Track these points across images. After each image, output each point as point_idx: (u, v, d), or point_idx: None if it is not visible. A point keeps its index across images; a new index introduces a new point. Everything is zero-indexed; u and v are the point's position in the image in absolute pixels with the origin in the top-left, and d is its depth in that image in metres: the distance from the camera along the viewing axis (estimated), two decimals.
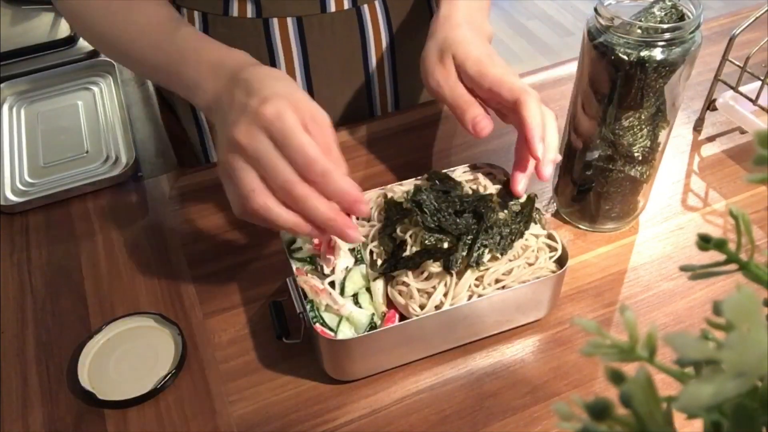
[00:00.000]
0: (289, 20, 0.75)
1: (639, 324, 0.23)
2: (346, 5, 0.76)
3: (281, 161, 0.50)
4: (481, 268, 0.55)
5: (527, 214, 0.57)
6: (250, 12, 0.73)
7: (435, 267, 0.54)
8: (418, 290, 0.55)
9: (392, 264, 0.56)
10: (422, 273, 0.55)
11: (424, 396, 0.56)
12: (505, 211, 0.57)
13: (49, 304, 0.64)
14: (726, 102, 0.76)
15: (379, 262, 0.57)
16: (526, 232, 0.57)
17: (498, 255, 0.55)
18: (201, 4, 0.74)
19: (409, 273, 0.55)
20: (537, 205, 0.59)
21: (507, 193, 0.60)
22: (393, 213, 0.58)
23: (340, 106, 0.84)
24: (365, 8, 0.78)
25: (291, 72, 0.78)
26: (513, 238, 0.55)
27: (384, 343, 0.55)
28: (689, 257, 0.66)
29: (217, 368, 0.58)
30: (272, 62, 0.77)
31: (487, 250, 0.54)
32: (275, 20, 0.74)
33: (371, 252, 0.58)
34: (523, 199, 0.59)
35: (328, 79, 0.81)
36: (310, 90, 0.80)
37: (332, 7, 0.75)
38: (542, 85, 0.87)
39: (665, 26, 0.54)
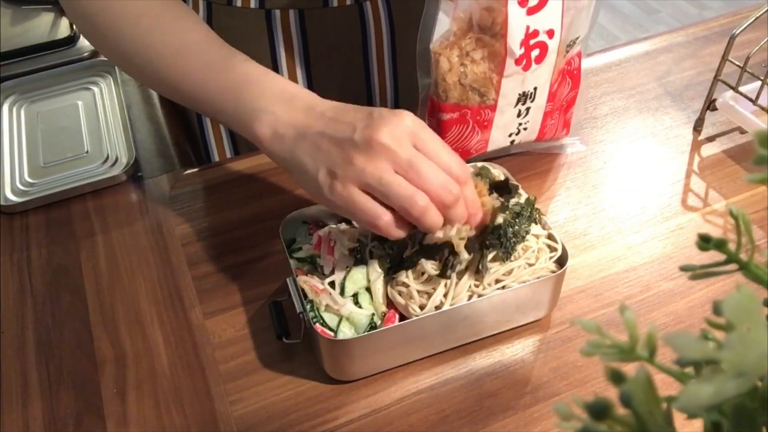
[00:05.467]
0: (291, 12, 0.75)
1: (639, 324, 0.23)
2: (348, 0, 0.76)
3: (433, 165, 0.50)
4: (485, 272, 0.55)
5: (528, 215, 0.57)
6: (253, 2, 0.74)
7: (432, 269, 0.54)
8: (418, 291, 0.55)
9: (394, 265, 0.56)
10: (422, 274, 0.55)
11: (424, 396, 0.56)
12: (506, 212, 0.57)
13: (49, 304, 0.64)
14: (726, 102, 0.76)
15: (376, 263, 0.57)
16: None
17: (502, 258, 0.55)
18: None
19: (409, 274, 0.55)
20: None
21: (505, 193, 0.60)
22: None
23: (339, 101, 0.84)
24: (367, 4, 0.78)
25: (291, 64, 0.78)
26: (516, 240, 0.55)
27: (384, 343, 0.55)
28: (689, 257, 0.66)
29: (217, 368, 0.58)
30: (273, 54, 0.77)
31: (491, 255, 0.55)
32: (278, 12, 0.75)
33: (370, 252, 0.58)
34: (522, 199, 0.59)
35: (328, 73, 0.81)
36: (310, 83, 0.81)
37: (334, 2, 0.75)
38: None
39: None
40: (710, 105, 0.77)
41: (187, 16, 0.61)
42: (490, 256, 0.55)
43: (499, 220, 0.56)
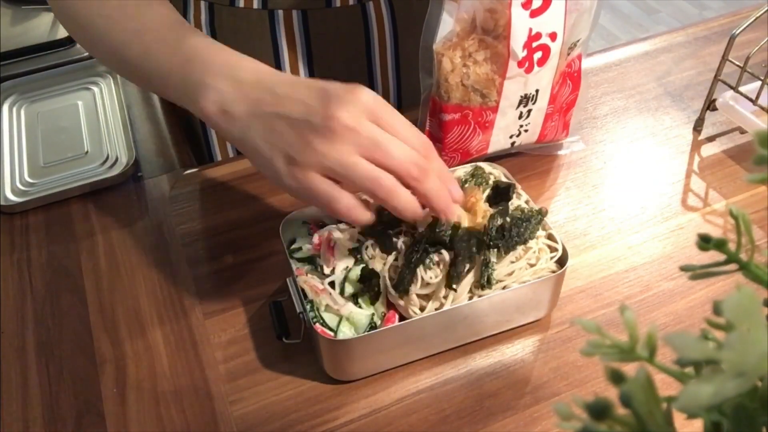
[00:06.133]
0: (294, 13, 0.75)
1: (639, 324, 0.23)
2: (351, 1, 0.76)
3: (397, 141, 0.48)
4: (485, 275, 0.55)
5: (537, 222, 0.57)
6: (256, 3, 0.74)
7: (433, 278, 0.54)
8: (418, 295, 0.55)
9: (401, 282, 0.54)
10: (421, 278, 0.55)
11: (424, 396, 0.56)
12: (506, 216, 0.57)
13: (49, 304, 0.64)
14: (726, 102, 0.76)
15: (375, 264, 0.57)
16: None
17: (503, 251, 0.55)
18: None
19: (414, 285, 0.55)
20: None
21: (505, 199, 0.60)
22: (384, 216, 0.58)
23: None
24: (370, 5, 0.78)
25: (294, 64, 0.78)
26: (519, 240, 0.55)
27: (384, 343, 0.55)
28: (689, 257, 0.66)
29: (217, 368, 0.58)
30: (276, 54, 0.77)
31: (492, 272, 0.55)
32: (280, 12, 0.75)
33: (367, 247, 0.58)
34: (522, 200, 0.59)
35: (331, 73, 0.81)
36: None
37: (337, 2, 0.75)
38: None
39: None
40: (710, 105, 0.77)
41: (154, 2, 0.59)
42: (494, 265, 0.55)
43: (499, 221, 0.56)
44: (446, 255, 0.54)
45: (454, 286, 0.53)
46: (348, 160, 0.47)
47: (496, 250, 0.55)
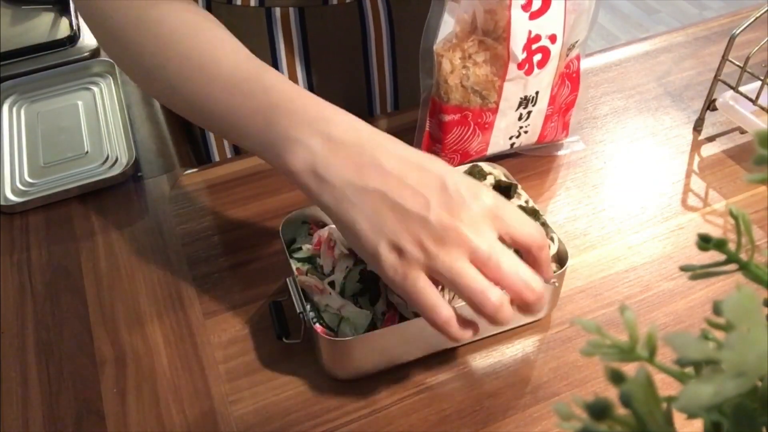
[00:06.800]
0: (292, 11, 0.75)
1: (639, 324, 0.23)
2: None
3: (510, 253, 0.46)
4: None
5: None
6: (253, 1, 0.74)
7: None
8: None
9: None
10: None
11: (424, 396, 0.56)
12: None
13: (49, 304, 0.64)
14: (726, 102, 0.76)
15: None
16: None
17: None
18: None
19: None
20: None
21: (504, 194, 0.60)
22: None
23: (339, 100, 0.84)
24: (367, 3, 0.78)
25: (291, 63, 0.79)
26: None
27: (384, 343, 0.55)
28: (689, 257, 0.66)
29: (217, 368, 0.58)
30: (273, 52, 0.77)
31: None
32: (278, 10, 0.75)
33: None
34: (522, 200, 0.59)
35: (328, 71, 0.81)
36: (310, 82, 0.81)
37: (334, 0, 0.75)
38: None
39: None
40: (710, 105, 0.77)
41: (213, 27, 0.54)
42: None
43: None
44: None
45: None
46: (457, 266, 0.44)
47: None
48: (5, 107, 0.85)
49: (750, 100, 0.72)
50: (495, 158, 0.73)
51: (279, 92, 0.49)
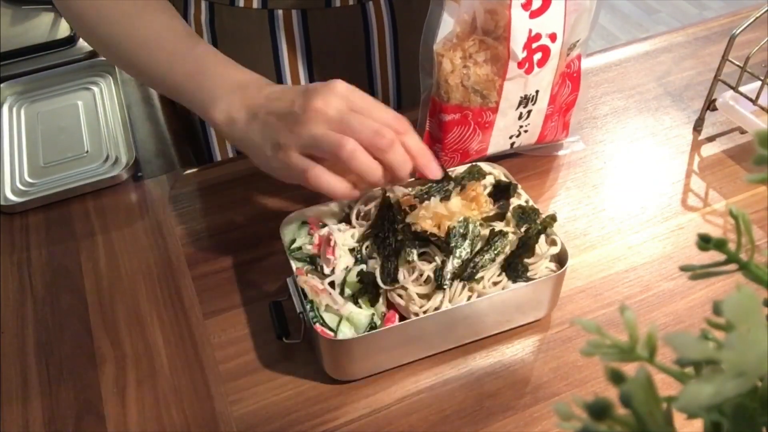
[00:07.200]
0: (294, 13, 0.75)
1: (639, 324, 0.23)
2: (351, 1, 0.76)
3: (362, 117, 0.54)
4: (477, 277, 0.55)
5: (536, 233, 0.57)
6: (256, 2, 0.74)
7: (428, 269, 0.54)
8: (419, 295, 0.55)
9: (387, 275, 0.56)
10: (420, 275, 0.55)
11: (424, 396, 0.56)
12: (511, 232, 0.57)
13: (49, 304, 0.64)
14: (726, 102, 0.76)
15: (372, 262, 0.57)
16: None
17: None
18: None
19: (406, 275, 0.55)
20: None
21: (505, 197, 0.60)
22: (386, 213, 0.58)
23: None
24: (370, 5, 0.78)
25: (294, 65, 0.79)
26: (496, 256, 0.56)
27: (384, 343, 0.55)
28: (689, 257, 0.66)
29: (217, 368, 0.58)
30: (276, 54, 0.77)
31: (481, 269, 0.55)
32: (280, 12, 0.75)
33: (366, 248, 0.58)
34: (522, 200, 0.59)
35: (331, 73, 0.80)
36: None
37: (337, 2, 0.75)
38: None
39: None
40: (710, 105, 0.77)
41: (159, 9, 0.65)
42: (485, 261, 0.55)
43: (500, 226, 0.56)
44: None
45: (445, 286, 0.54)
46: (317, 133, 0.54)
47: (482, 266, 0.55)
48: (5, 107, 0.85)
49: (750, 100, 0.72)
50: (495, 158, 0.73)
51: (207, 61, 0.61)
